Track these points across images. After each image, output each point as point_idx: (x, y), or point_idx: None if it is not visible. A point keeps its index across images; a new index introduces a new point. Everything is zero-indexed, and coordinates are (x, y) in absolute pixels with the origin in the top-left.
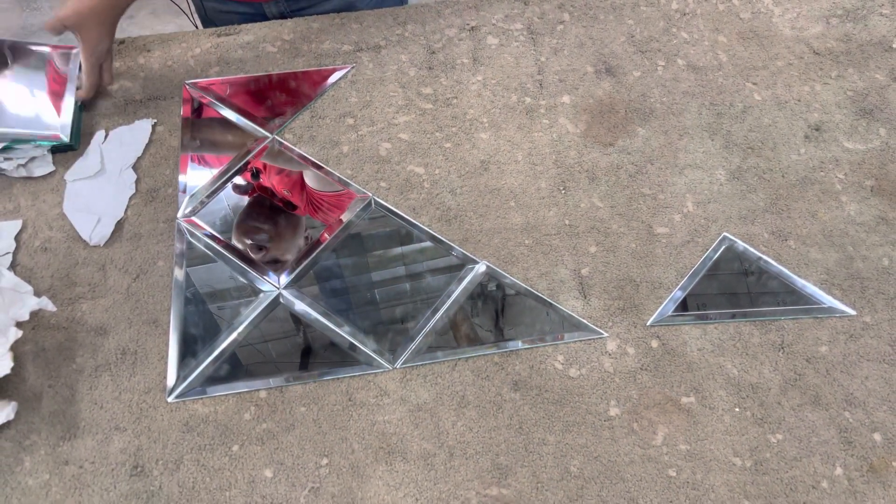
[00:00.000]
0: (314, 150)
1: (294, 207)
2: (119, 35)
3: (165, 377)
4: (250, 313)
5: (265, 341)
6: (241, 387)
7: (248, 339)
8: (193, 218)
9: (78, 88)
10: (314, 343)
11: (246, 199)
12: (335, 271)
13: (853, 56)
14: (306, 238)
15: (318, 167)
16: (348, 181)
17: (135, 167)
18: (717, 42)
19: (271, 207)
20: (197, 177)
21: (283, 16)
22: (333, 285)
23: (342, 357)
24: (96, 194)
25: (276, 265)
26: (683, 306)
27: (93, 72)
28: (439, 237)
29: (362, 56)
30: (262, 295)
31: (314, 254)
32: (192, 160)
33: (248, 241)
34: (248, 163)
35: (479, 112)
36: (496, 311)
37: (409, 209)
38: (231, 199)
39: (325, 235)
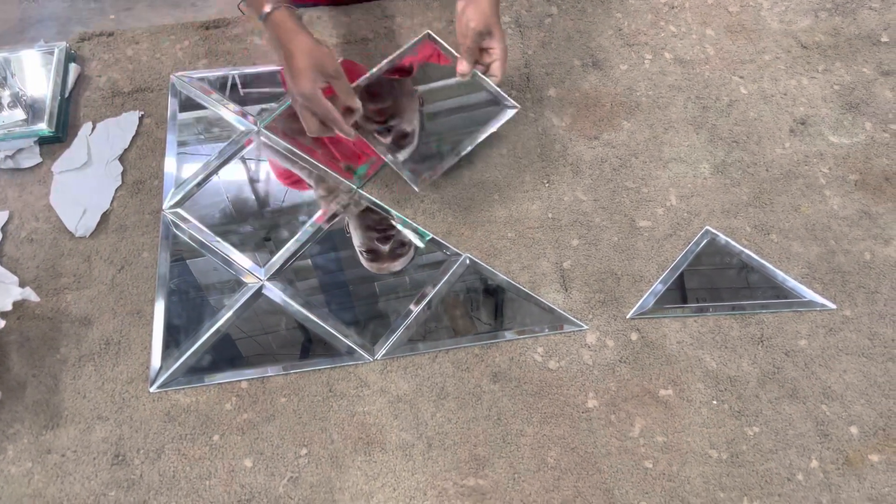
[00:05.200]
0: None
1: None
2: (114, 27)
3: (148, 367)
4: (233, 304)
5: (248, 333)
6: (222, 377)
7: (231, 330)
8: (179, 209)
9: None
10: (296, 334)
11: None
12: (318, 263)
13: (841, 50)
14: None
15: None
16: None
17: (121, 159)
18: (704, 35)
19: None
20: (183, 169)
21: None
22: (316, 277)
23: (323, 348)
24: (83, 186)
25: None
26: (664, 300)
27: None
28: (423, 230)
29: (350, 48)
30: (245, 286)
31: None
32: (179, 152)
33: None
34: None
35: None
36: (478, 304)
37: (393, 202)
38: (230, 191)
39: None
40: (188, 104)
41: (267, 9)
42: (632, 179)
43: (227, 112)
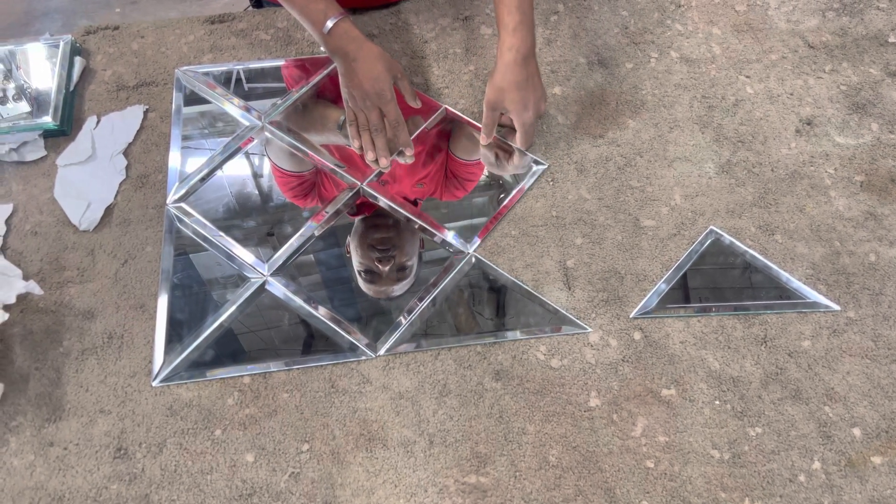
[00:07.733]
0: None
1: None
2: (120, 20)
3: (151, 361)
4: (236, 299)
5: (250, 328)
6: (225, 372)
7: (234, 325)
8: (183, 204)
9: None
10: (298, 330)
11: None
12: (321, 259)
13: (848, 50)
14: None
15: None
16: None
17: (126, 153)
18: (711, 34)
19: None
20: (187, 163)
21: None
22: (319, 273)
23: (326, 344)
24: (87, 179)
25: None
26: (667, 299)
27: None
28: (427, 227)
29: None
30: (248, 282)
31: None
32: (183, 147)
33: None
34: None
35: (469, 102)
36: (481, 302)
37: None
38: (234, 186)
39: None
40: (193, 99)
41: (331, 23)
42: (636, 178)
43: (232, 107)
